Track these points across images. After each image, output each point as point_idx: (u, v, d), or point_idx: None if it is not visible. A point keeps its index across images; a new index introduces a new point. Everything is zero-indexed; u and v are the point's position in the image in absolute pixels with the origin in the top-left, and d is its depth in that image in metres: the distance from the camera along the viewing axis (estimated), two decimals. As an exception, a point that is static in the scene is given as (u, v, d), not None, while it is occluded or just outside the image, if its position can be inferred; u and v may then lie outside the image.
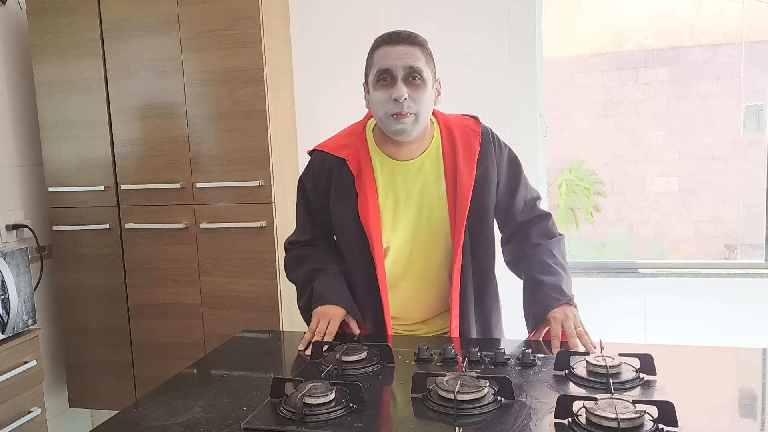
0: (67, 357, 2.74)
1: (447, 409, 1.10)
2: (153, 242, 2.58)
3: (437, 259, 1.59)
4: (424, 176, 1.56)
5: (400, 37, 1.47)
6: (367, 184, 1.55)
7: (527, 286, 1.58)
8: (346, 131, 1.66)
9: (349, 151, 1.58)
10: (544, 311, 1.47)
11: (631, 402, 1.05)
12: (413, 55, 1.46)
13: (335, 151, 1.60)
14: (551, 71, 4.98)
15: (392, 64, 1.45)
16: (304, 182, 1.67)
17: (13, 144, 2.63)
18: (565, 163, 5.16)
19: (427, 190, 1.56)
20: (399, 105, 1.45)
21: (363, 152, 1.58)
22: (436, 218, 1.56)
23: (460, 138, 1.57)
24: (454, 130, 1.58)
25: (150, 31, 2.48)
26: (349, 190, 1.57)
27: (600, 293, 2.74)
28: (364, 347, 1.38)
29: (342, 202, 1.58)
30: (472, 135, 1.58)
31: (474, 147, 1.56)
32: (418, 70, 1.46)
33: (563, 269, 1.56)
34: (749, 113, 2.87)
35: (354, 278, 1.62)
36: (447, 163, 1.56)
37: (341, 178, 1.58)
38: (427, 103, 1.49)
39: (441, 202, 1.56)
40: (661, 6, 4.95)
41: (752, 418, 1.12)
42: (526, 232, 1.64)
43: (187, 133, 2.49)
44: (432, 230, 1.57)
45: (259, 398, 1.20)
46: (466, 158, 1.55)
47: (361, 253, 1.57)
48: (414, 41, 1.48)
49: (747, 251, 4.19)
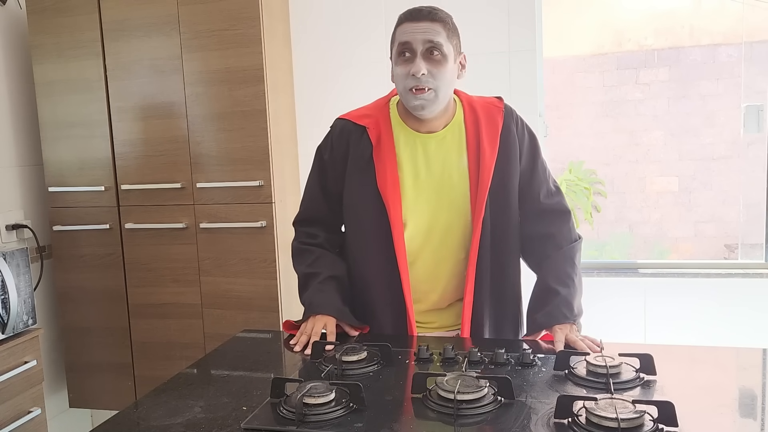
0: (67, 357, 2.74)
1: (447, 409, 1.10)
2: (153, 242, 2.58)
3: (456, 236, 1.56)
4: (446, 149, 1.55)
5: (421, 14, 1.48)
6: (386, 155, 1.54)
7: (541, 289, 1.57)
8: (371, 105, 1.65)
9: (370, 120, 1.58)
10: (551, 322, 1.49)
11: (631, 402, 1.05)
12: (434, 30, 1.46)
13: (356, 119, 1.59)
14: (551, 71, 4.99)
15: (412, 38, 1.46)
16: (322, 151, 1.65)
17: (13, 144, 2.63)
18: (565, 163, 5.16)
19: (448, 164, 1.55)
20: (417, 80, 1.45)
21: (384, 123, 1.57)
22: (457, 193, 1.54)
23: (483, 113, 1.57)
24: (476, 106, 1.59)
25: (150, 31, 2.48)
26: (366, 160, 1.56)
27: (600, 293, 2.74)
28: (364, 347, 1.38)
29: (360, 173, 1.57)
30: (495, 111, 1.58)
31: (497, 122, 1.56)
32: (438, 45, 1.45)
33: (579, 281, 1.57)
34: (749, 113, 2.88)
35: (368, 260, 1.59)
36: (470, 138, 1.55)
37: (360, 147, 1.57)
38: (447, 78, 1.48)
39: (462, 176, 1.54)
40: (661, 6, 4.96)
41: (752, 418, 1.12)
42: (549, 231, 1.61)
43: (187, 133, 2.49)
44: (452, 205, 1.55)
45: (259, 398, 1.20)
46: (488, 133, 1.55)
47: (378, 227, 1.54)
48: (435, 17, 1.48)
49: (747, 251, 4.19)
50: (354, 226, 1.63)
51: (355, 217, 1.62)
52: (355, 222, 1.62)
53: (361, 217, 1.59)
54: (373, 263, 1.58)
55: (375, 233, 1.55)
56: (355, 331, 1.57)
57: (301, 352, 1.47)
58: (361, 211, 1.59)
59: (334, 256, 1.66)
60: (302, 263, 1.66)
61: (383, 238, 1.53)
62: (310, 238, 1.68)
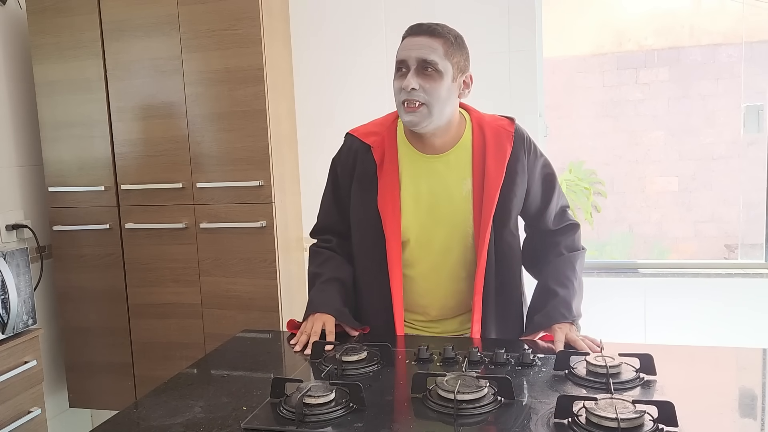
0: (67, 357, 2.74)
1: (447, 409, 1.10)
2: (153, 242, 2.58)
3: (456, 256, 1.57)
4: (450, 172, 1.55)
5: (421, 29, 1.49)
6: (388, 174, 1.55)
7: (541, 291, 1.59)
8: (380, 120, 1.66)
9: (376, 138, 1.59)
10: (549, 322, 1.49)
11: (631, 402, 1.05)
12: (429, 47, 1.45)
13: (363, 137, 1.60)
14: (551, 71, 4.98)
15: (406, 55, 1.47)
16: (336, 164, 1.67)
17: (13, 144, 2.63)
18: (565, 163, 5.16)
19: (451, 186, 1.54)
20: (408, 94, 1.45)
21: (390, 142, 1.58)
22: (458, 216, 1.54)
23: (491, 137, 1.54)
24: (486, 128, 1.56)
25: (150, 31, 2.48)
26: (370, 177, 1.57)
27: (600, 293, 2.74)
28: (364, 347, 1.38)
29: (364, 190, 1.58)
30: (504, 135, 1.55)
31: (505, 148, 1.54)
32: (431, 62, 1.44)
33: (579, 285, 1.58)
34: (749, 113, 2.88)
35: (366, 271, 1.62)
36: (476, 161, 1.54)
37: (365, 165, 1.58)
38: (442, 95, 1.46)
39: (465, 200, 1.54)
40: (661, 6, 4.95)
41: (752, 418, 1.12)
42: (555, 240, 1.64)
43: (187, 133, 2.49)
44: (453, 227, 1.55)
45: (259, 398, 1.20)
46: (496, 158, 1.52)
47: (375, 245, 1.56)
48: (434, 33, 1.47)
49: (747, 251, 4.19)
50: (356, 239, 1.65)
51: (357, 232, 1.64)
52: (357, 235, 1.65)
53: (362, 233, 1.62)
54: (369, 276, 1.61)
55: (372, 249, 1.58)
56: (355, 332, 1.57)
57: (301, 352, 1.47)
58: (362, 226, 1.61)
59: (342, 260, 1.67)
60: (312, 264, 1.70)
61: (380, 254, 1.56)
62: (324, 243, 1.72)
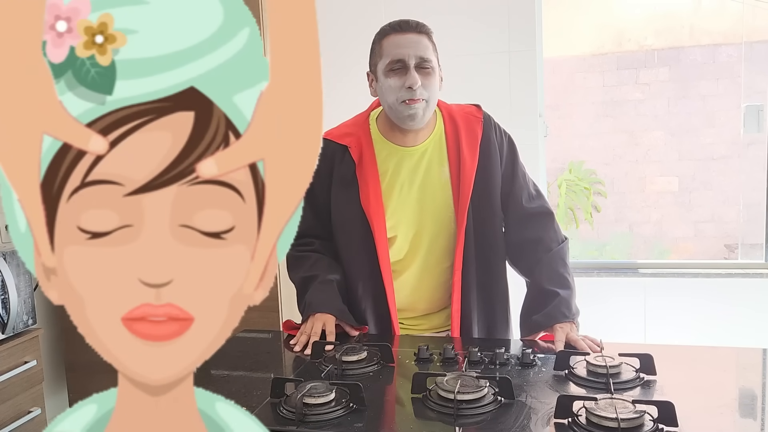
0: (67, 357, 2.74)
1: (447, 409, 1.10)
2: (153, 242, 2.57)
3: (441, 246, 1.58)
4: (427, 162, 1.58)
5: (408, 26, 1.52)
6: (368, 172, 1.56)
7: (538, 292, 1.57)
8: (351, 121, 1.67)
9: (352, 139, 1.60)
10: (550, 322, 1.49)
11: (631, 402, 1.05)
12: (423, 44, 1.50)
13: (338, 139, 1.60)
14: (551, 71, 4.98)
15: (405, 53, 1.48)
16: None
17: (13, 144, 2.63)
18: (565, 163, 5.15)
19: (430, 176, 1.57)
20: (412, 92, 1.47)
21: (365, 140, 1.59)
22: (439, 204, 1.57)
23: (462, 124, 1.59)
24: (456, 117, 1.61)
25: (150, 31, 2.48)
26: (350, 178, 1.58)
27: (600, 293, 2.74)
28: (364, 347, 1.38)
29: (344, 191, 1.59)
30: (474, 121, 1.60)
31: (476, 132, 1.59)
32: (428, 60, 1.49)
33: (573, 281, 1.58)
34: (749, 113, 2.88)
35: (356, 273, 1.61)
36: (450, 149, 1.58)
37: (343, 166, 1.59)
38: (436, 90, 1.53)
39: (444, 187, 1.57)
40: (661, 6, 4.95)
41: (752, 418, 1.12)
42: (536, 235, 1.62)
43: (187, 133, 2.49)
44: (436, 217, 1.57)
45: (259, 398, 1.20)
46: (469, 143, 1.57)
47: (363, 244, 1.57)
48: (422, 30, 1.52)
49: (747, 251, 4.19)
50: (341, 241, 1.65)
51: (342, 233, 1.64)
52: (342, 237, 1.64)
53: (348, 233, 1.62)
54: (359, 276, 1.61)
55: (361, 248, 1.58)
56: (355, 331, 1.57)
57: (301, 352, 1.47)
58: (347, 227, 1.61)
59: (330, 260, 1.65)
60: (299, 269, 1.64)
61: (368, 252, 1.56)
62: (306, 246, 1.67)
